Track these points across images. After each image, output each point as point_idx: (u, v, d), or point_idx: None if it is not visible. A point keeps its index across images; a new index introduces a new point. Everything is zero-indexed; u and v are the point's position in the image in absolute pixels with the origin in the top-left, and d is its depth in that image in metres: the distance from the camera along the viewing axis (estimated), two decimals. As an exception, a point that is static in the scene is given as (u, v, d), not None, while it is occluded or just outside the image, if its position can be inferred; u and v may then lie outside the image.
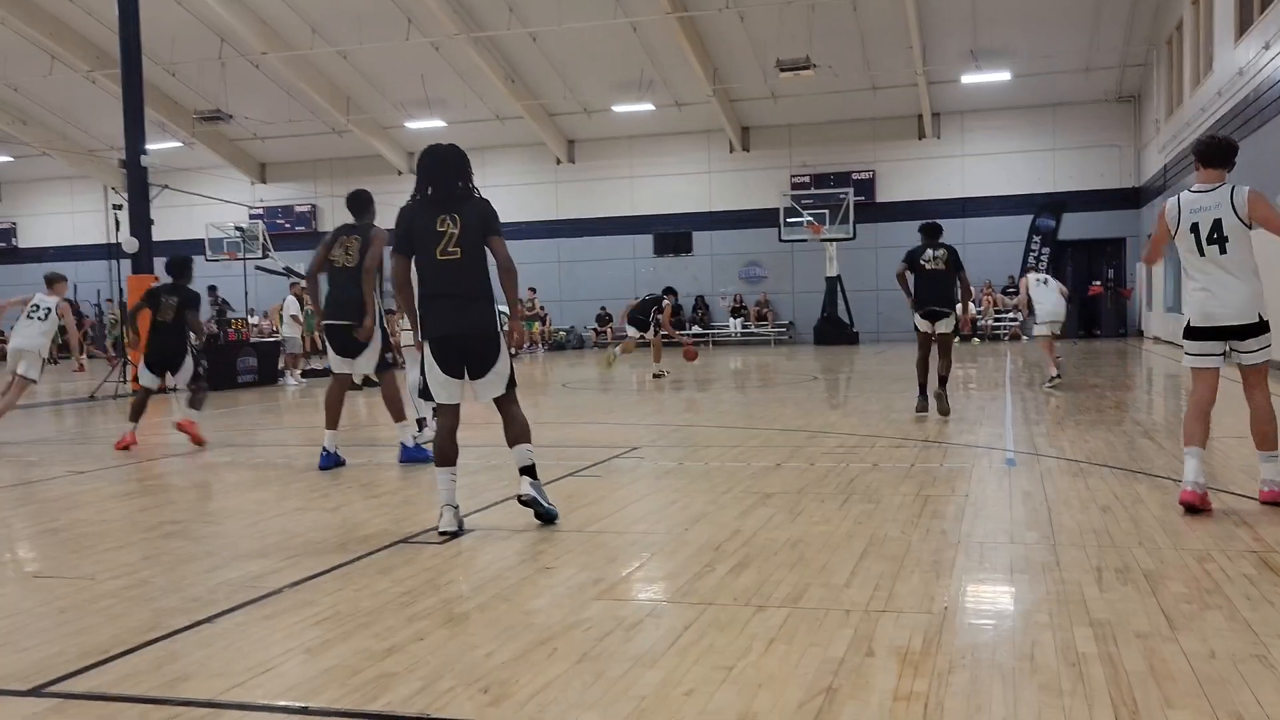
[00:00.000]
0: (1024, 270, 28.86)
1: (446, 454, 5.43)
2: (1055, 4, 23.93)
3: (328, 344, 7.90)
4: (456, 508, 5.40)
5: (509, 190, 32.00)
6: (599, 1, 23.90)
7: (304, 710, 3.04)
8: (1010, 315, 28.41)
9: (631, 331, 17.12)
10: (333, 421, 7.78)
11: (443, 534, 5.28)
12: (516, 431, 5.54)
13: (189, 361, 10.04)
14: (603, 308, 30.99)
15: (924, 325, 10.19)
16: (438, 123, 29.95)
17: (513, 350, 5.54)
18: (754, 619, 3.76)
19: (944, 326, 10.11)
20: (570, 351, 29.58)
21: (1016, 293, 28.50)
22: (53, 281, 11.07)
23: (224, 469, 8.11)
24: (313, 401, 14.53)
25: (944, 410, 10.02)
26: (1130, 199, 28.32)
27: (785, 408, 11.79)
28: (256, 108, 29.62)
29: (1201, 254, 5.50)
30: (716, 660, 3.33)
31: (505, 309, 5.67)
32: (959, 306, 10.09)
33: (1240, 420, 9.45)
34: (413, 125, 30.44)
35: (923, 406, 10.39)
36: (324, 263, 7.79)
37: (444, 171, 5.44)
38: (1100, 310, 28.84)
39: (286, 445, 9.81)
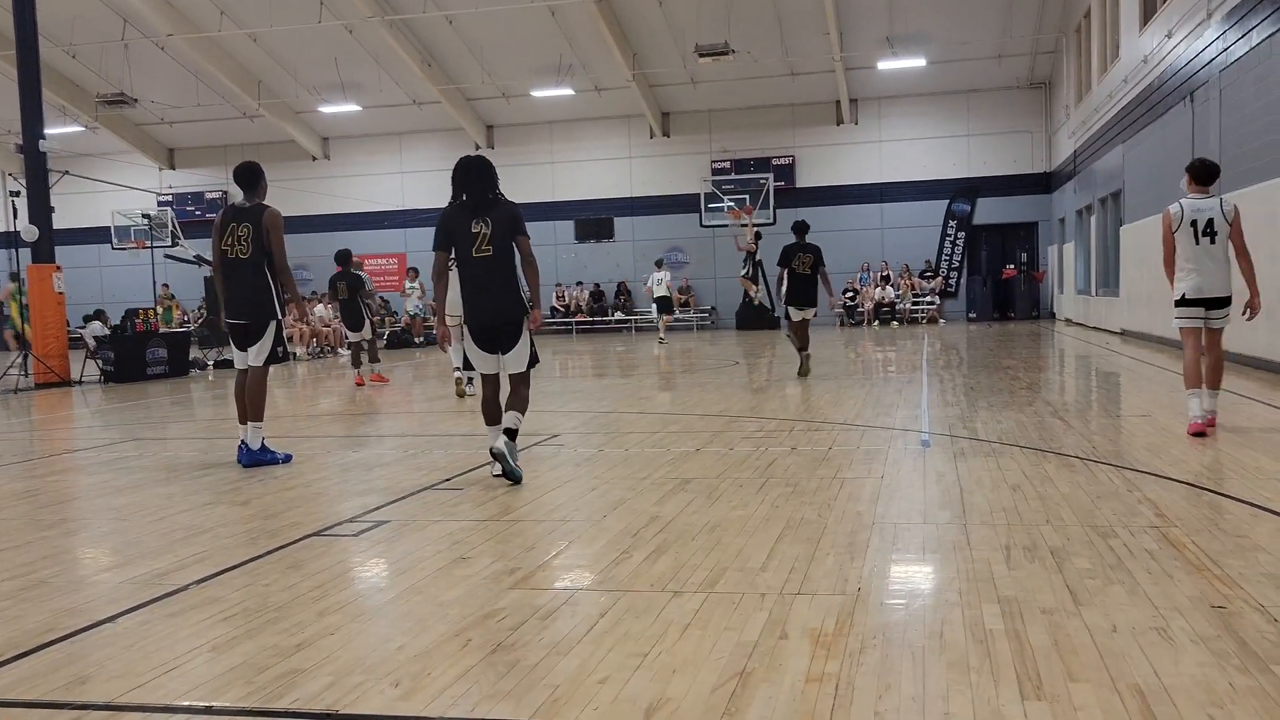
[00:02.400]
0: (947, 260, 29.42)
1: (492, 416, 6.58)
2: (968, -8, 24.37)
3: (230, 340, 7.59)
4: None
5: (426, 176, 31.64)
6: (517, -15, 23.70)
7: (208, 710, 2.96)
8: (927, 299, 28.93)
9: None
10: (243, 417, 7.56)
11: (496, 476, 6.38)
12: (515, 402, 6.47)
13: (367, 325, 14.60)
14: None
15: (795, 315, 12.97)
16: (352, 107, 29.45)
17: (533, 331, 6.52)
18: (670, 604, 3.75)
19: (808, 314, 12.96)
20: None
21: (934, 276, 29.20)
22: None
23: (131, 463, 7.87)
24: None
25: (805, 373, 12.83)
26: (1042, 184, 28.98)
27: (706, 393, 11.84)
28: (163, 91, 28.78)
29: (1196, 243, 7.37)
30: (632, 647, 3.32)
31: None
32: (824, 298, 13.05)
33: (1145, 400, 9.77)
34: (327, 110, 29.91)
35: (806, 372, 13.10)
36: (221, 254, 7.39)
37: (476, 180, 6.34)
38: (1014, 293, 29.52)
39: (197, 438, 9.57)
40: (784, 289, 12.94)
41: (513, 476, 6.25)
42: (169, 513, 5.85)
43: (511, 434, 6.37)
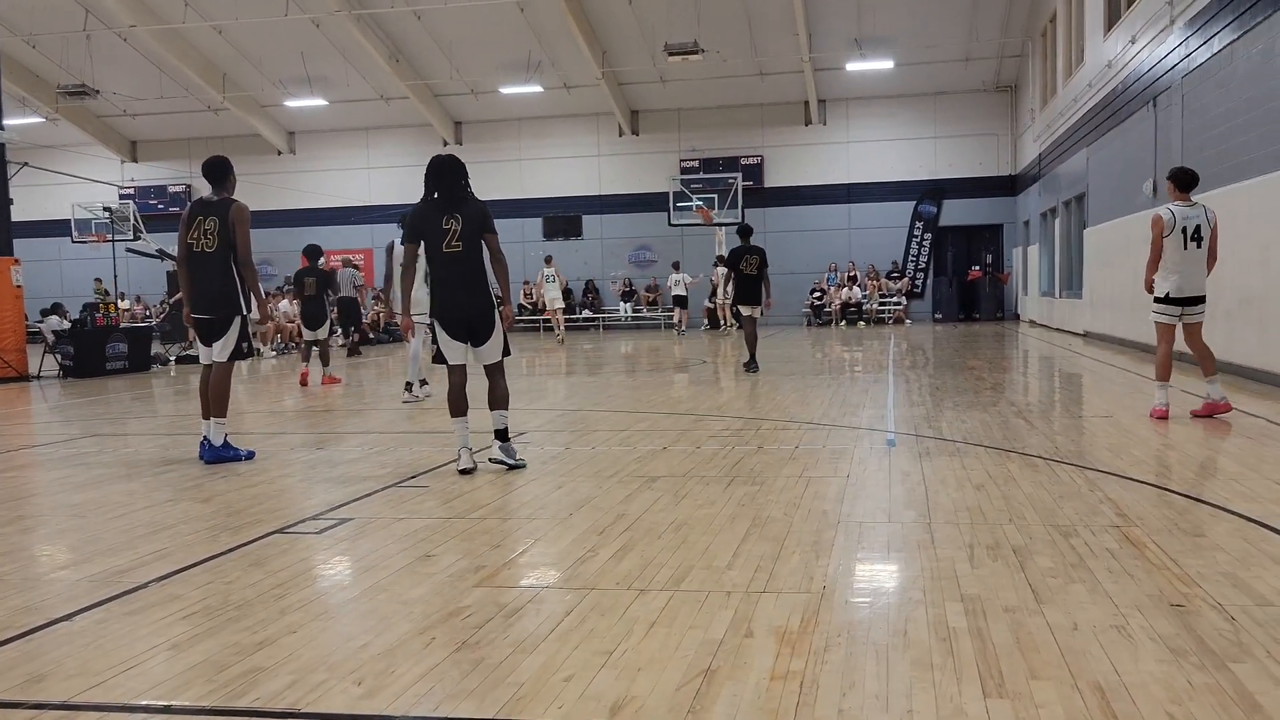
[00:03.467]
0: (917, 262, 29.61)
1: (459, 406, 6.62)
2: (935, -6, 24.55)
3: (195, 334, 7.52)
4: (472, 450, 6.58)
5: (395, 171, 31.46)
6: (486, -19, 23.60)
7: (166, 709, 2.92)
8: (894, 300, 29.11)
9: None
10: (207, 412, 7.48)
11: (461, 471, 6.47)
12: (496, 398, 6.67)
13: (328, 323, 14.31)
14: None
15: (745, 311, 13.87)
16: (319, 101, 29.23)
17: (506, 329, 6.71)
18: (635, 603, 3.75)
19: (754, 312, 13.83)
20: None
21: (900, 276, 29.38)
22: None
23: (91, 459, 7.77)
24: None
25: (754, 369, 13.72)
26: (1007, 186, 29.26)
27: (673, 391, 11.85)
28: (126, 83, 28.42)
29: (1185, 248, 8.01)
30: (597, 645, 3.31)
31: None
32: (763, 297, 13.66)
33: (1107, 400, 9.88)
34: (292, 104, 29.67)
35: (754, 367, 13.87)
36: (187, 248, 7.34)
37: (448, 178, 6.52)
38: (979, 294, 29.77)
39: (158, 434, 9.45)
40: (731, 289, 14.05)
41: (518, 466, 6.63)
42: (129, 509, 5.77)
43: (502, 434, 6.65)
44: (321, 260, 14.72)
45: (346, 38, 26.09)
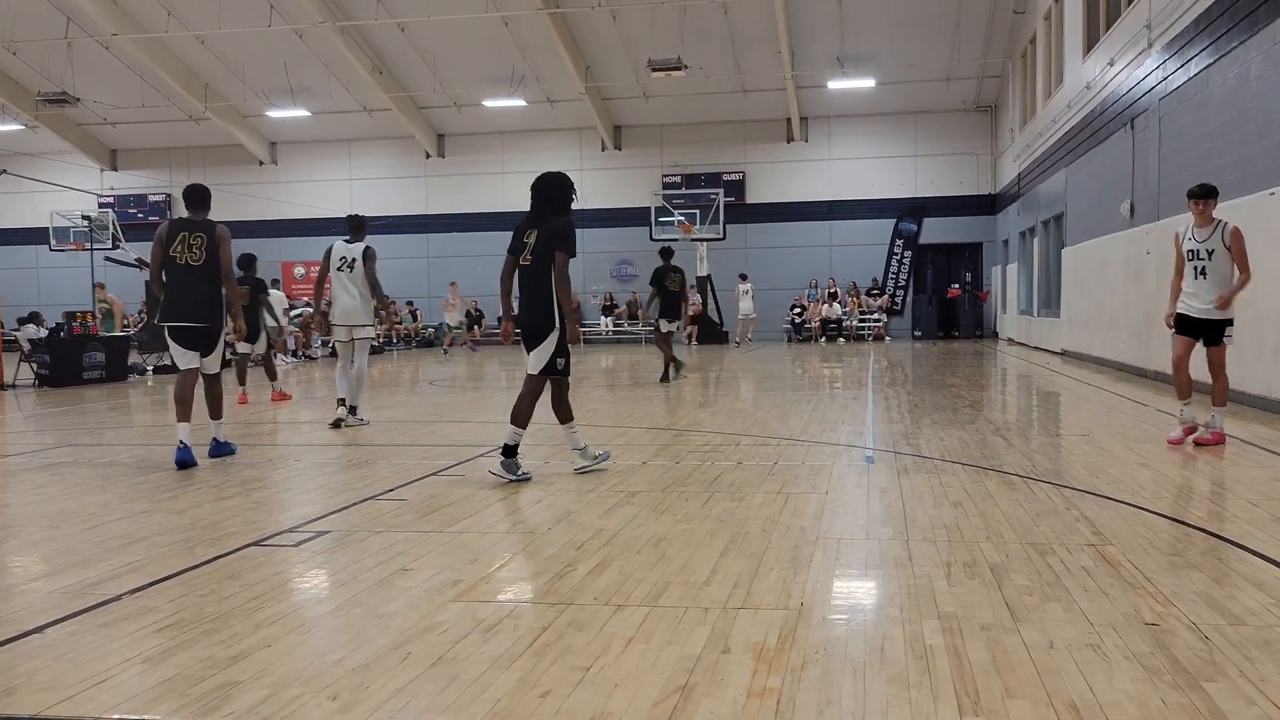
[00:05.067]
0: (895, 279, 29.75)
1: (516, 417, 6.77)
2: (918, 15, 24.72)
3: (172, 341, 7.82)
4: (518, 443, 6.72)
5: (377, 183, 31.43)
6: (470, -6, 23.63)
7: (138, 724, 2.89)
8: (874, 317, 29.24)
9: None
10: (185, 415, 7.53)
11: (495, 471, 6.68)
12: (516, 411, 6.77)
13: (263, 336, 13.13)
14: (474, 303, 30.52)
15: (665, 326, 15.15)
16: (301, 112, 29.15)
17: (569, 340, 6.86)
18: (613, 618, 3.74)
19: (674, 326, 15.31)
20: (438, 348, 29.15)
21: (880, 294, 29.51)
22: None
23: (66, 469, 7.69)
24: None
25: (668, 379, 14.76)
26: (986, 205, 29.45)
27: (653, 406, 11.84)
28: (106, 91, 28.28)
29: None
30: (574, 661, 3.30)
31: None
32: (683, 313, 15.45)
33: (1084, 419, 9.95)
34: (275, 114, 29.57)
35: (667, 379, 14.81)
36: (164, 261, 7.71)
37: (541, 194, 6.85)
38: (958, 312, 29.93)
39: (134, 445, 9.38)
40: (655, 305, 15.16)
41: (522, 480, 6.67)
42: (103, 520, 5.72)
43: (507, 450, 6.68)
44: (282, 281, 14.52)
45: (330, 49, 26.05)
